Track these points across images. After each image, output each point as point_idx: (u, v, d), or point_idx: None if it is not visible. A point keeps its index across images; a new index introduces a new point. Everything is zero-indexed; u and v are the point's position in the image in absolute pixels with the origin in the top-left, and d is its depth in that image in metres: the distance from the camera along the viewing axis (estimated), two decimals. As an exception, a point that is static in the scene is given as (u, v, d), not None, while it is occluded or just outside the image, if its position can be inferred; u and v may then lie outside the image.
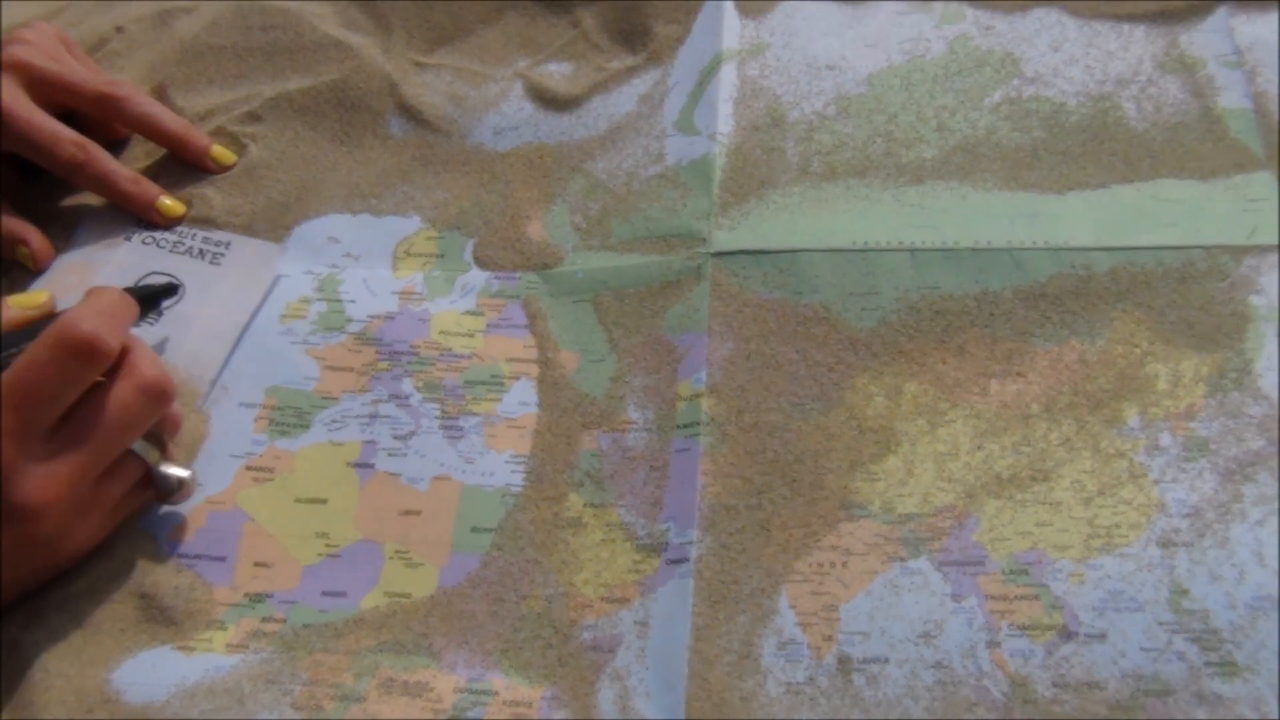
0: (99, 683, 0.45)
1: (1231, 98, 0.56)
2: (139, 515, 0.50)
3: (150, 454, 0.48)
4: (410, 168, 0.61)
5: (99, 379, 0.45)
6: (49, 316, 0.49)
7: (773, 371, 0.51)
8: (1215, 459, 0.45)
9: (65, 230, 0.59)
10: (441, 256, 0.57)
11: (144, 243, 0.57)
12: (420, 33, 0.66)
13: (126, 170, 0.58)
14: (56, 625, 0.46)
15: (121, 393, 0.45)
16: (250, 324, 0.55)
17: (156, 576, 0.48)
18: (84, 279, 0.56)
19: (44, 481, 0.43)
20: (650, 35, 0.63)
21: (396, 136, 0.62)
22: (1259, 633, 0.41)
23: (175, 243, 0.57)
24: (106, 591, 0.48)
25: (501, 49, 0.65)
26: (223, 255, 0.57)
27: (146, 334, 0.54)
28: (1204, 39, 0.58)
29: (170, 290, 0.55)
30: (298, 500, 0.50)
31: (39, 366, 0.43)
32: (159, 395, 0.46)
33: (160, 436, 0.49)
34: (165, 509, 0.50)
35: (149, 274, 0.56)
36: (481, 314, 0.55)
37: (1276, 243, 0.51)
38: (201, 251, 0.57)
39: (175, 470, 0.49)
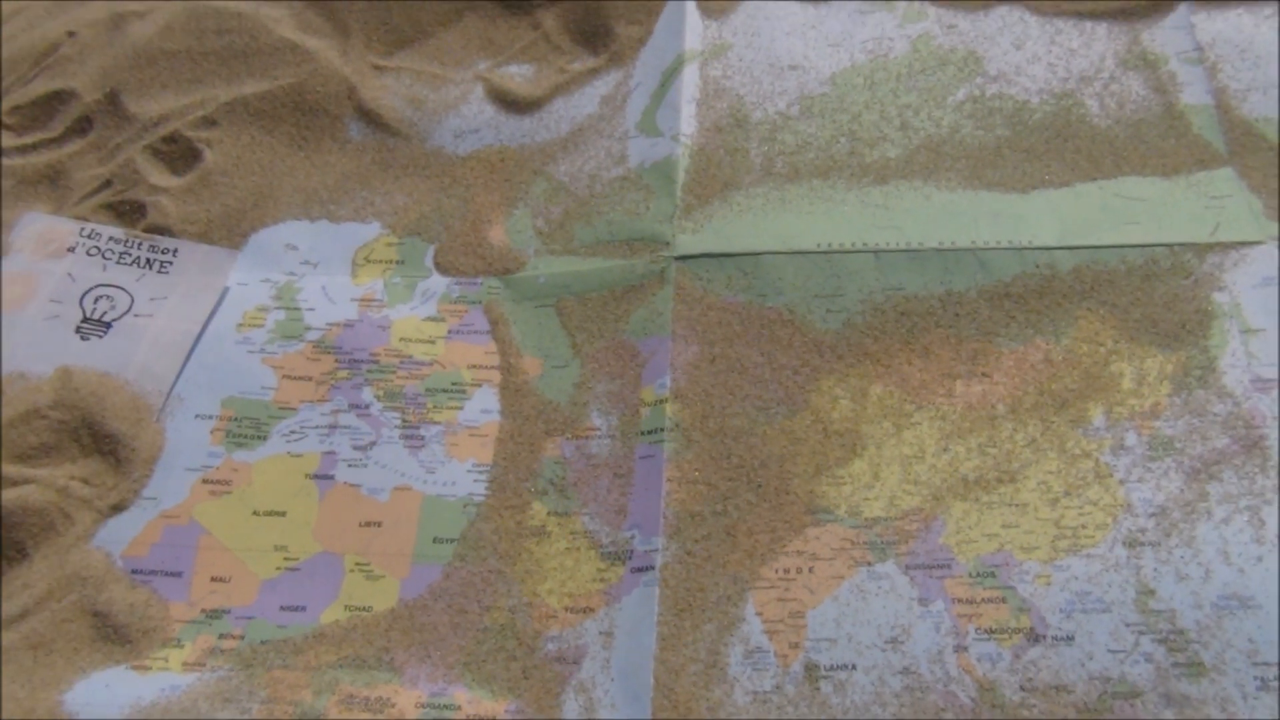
0: (51, 705, 0.44)
1: (1193, 94, 0.56)
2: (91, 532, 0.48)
3: None
4: (369, 172, 0.60)
5: None
6: None
7: (737, 375, 0.50)
8: (1181, 458, 0.45)
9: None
10: (401, 263, 0.56)
11: (89, 253, 0.56)
12: (379, 35, 0.65)
13: None
14: (6, 646, 0.45)
15: None
16: (203, 333, 0.54)
17: (110, 594, 0.47)
18: (28, 290, 0.54)
19: None
20: (612, 36, 0.63)
21: (355, 141, 0.61)
22: (1225, 632, 0.41)
23: (121, 253, 0.56)
24: (58, 610, 0.47)
25: (461, 51, 0.64)
26: (170, 264, 0.56)
27: (95, 348, 0.53)
28: (1165, 35, 0.58)
29: None
30: (256, 513, 0.49)
31: None
32: None
33: None
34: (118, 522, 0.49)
35: (95, 286, 0.55)
36: (443, 320, 0.54)
37: (1239, 240, 0.50)
38: (149, 260, 0.56)
39: None
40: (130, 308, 0.54)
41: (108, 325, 0.54)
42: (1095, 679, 0.41)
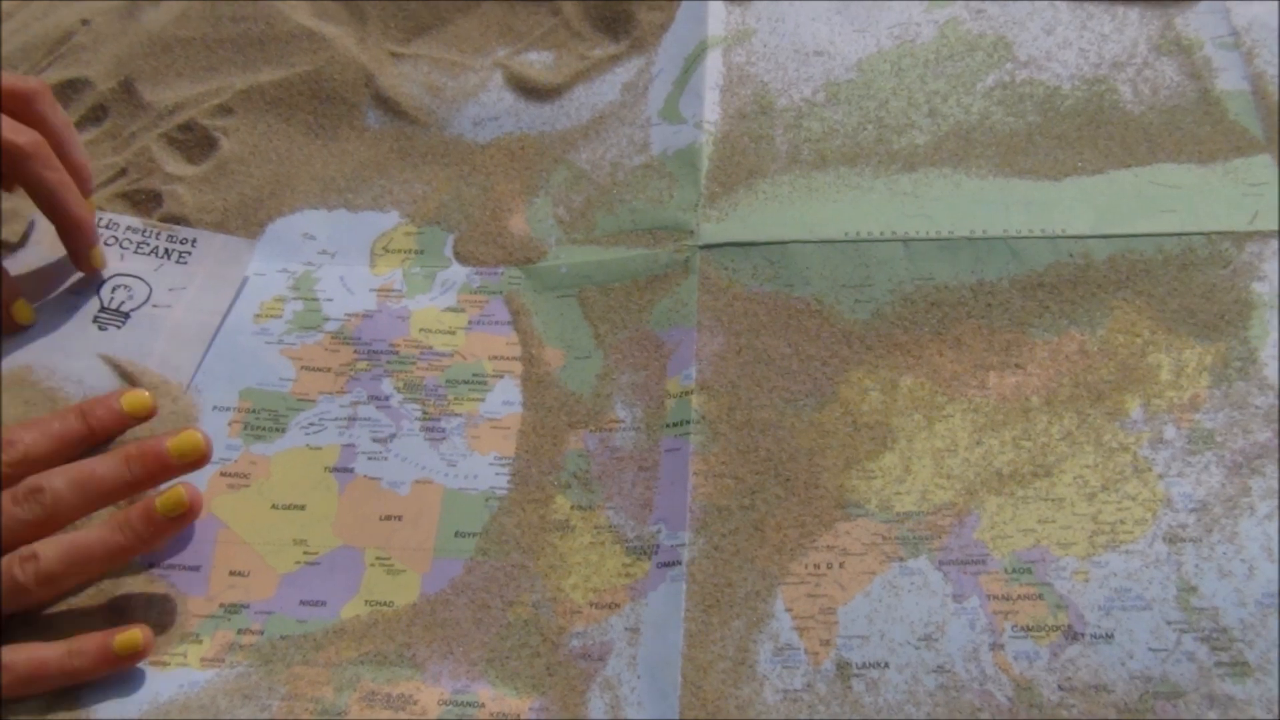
0: (68, 701, 0.43)
1: (1229, 79, 0.55)
2: None
3: None
4: (387, 161, 0.59)
5: None
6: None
7: (764, 366, 0.49)
8: (1221, 451, 0.44)
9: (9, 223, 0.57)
10: (421, 252, 0.55)
11: (106, 243, 0.55)
12: (396, 22, 0.64)
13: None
14: (23, 640, 0.45)
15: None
16: (222, 325, 0.53)
17: (128, 588, 0.46)
18: (46, 283, 0.54)
19: None
20: (633, 22, 0.62)
21: (373, 129, 0.60)
22: (1270, 631, 0.40)
23: (139, 243, 0.55)
24: (75, 604, 0.46)
25: (480, 38, 0.63)
26: (189, 254, 0.55)
27: (113, 338, 0.52)
28: (1200, 20, 0.57)
29: None
30: (274, 507, 0.48)
31: None
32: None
33: None
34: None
35: (114, 276, 0.54)
36: (463, 311, 0.53)
37: (1278, 228, 0.49)
38: (167, 251, 0.55)
39: None
40: (149, 298, 0.54)
41: (126, 316, 0.53)
42: (1136, 678, 0.40)
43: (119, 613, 0.46)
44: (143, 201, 0.58)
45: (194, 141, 0.60)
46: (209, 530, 0.48)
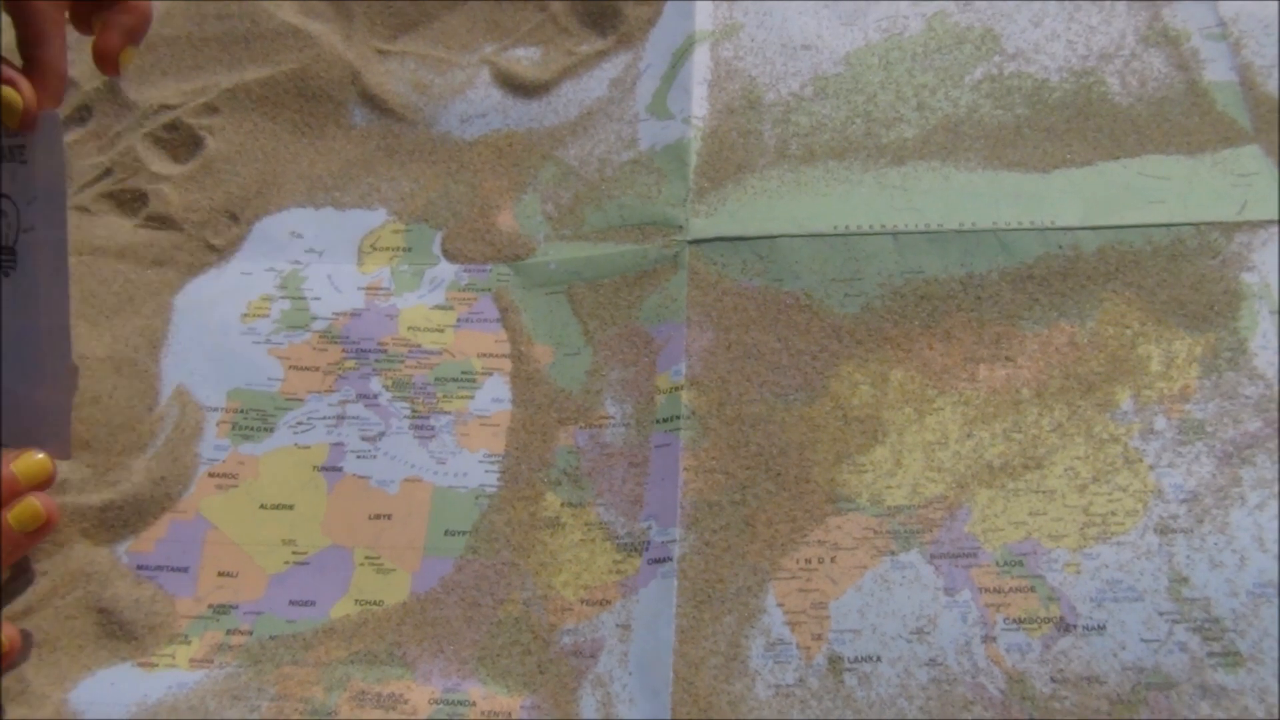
0: (56, 703, 0.43)
1: (1217, 70, 0.54)
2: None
3: None
4: (374, 159, 0.59)
5: None
6: None
7: (754, 361, 0.49)
8: (1212, 442, 0.44)
9: None
10: (409, 250, 0.55)
11: None
12: (382, 19, 0.63)
13: None
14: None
15: None
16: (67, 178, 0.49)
17: (115, 590, 0.46)
18: None
19: None
20: (620, 17, 0.61)
21: (359, 126, 0.60)
22: (1262, 621, 0.40)
23: None
24: (62, 607, 0.46)
25: (467, 34, 0.63)
26: (23, 147, 0.48)
27: (8, 290, 0.48)
28: (1188, 11, 0.57)
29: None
30: (263, 507, 0.48)
31: None
32: None
33: None
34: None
35: None
36: (451, 308, 0.53)
37: (1267, 218, 0.49)
38: (13, 151, 0.48)
39: None
40: (19, 223, 0.48)
41: (13, 254, 0.48)
42: (1128, 669, 0.40)
43: (106, 615, 0.45)
44: (128, 201, 0.57)
45: (179, 140, 0.59)
46: (197, 531, 0.48)
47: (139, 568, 0.47)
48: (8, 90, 0.46)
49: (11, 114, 0.46)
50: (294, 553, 0.47)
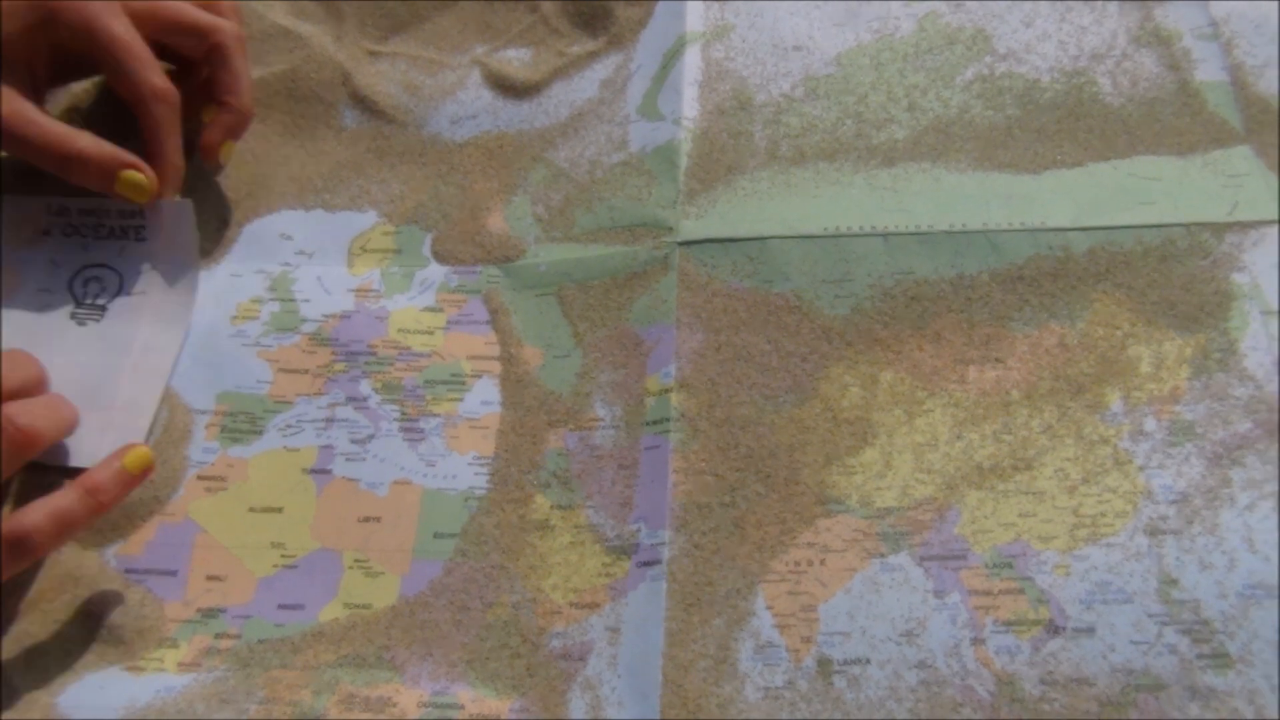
0: (44, 707, 0.43)
1: (1208, 71, 0.54)
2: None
3: None
4: (365, 160, 0.58)
5: None
6: None
7: (744, 363, 0.49)
8: (1202, 443, 0.44)
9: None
10: (399, 252, 0.55)
11: (66, 234, 0.54)
12: (373, 20, 0.63)
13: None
14: (-2, 648, 0.44)
15: None
16: (197, 289, 0.53)
17: (104, 593, 0.46)
18: (14, 282, 0.53)
19: None
20: (611, 18, 0.61)
21: (350, 128, 0.60)
22: (1252, 622, 0.40)
23: (96, 226, 0.54)
24: (50, 610, 0.45)
25: (458, 35, 0.63)
26: (144, 227, 0.54)
27: (93, 333, 0.51)
28: (1179, 11, 0.57)
29: None
30: (252, 510, 0.48)
31: None
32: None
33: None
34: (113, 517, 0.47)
35: (83, 269, 0.54)
36: (441, 310, 0.53)
37: (1258, 219, 0.49)
38: (124, 230, 0.54)
39: None
40: (121, 286, 0.53)
41: (103, 309, 0.52)
42: (1118, 671, 0.40)
43: (94, 618, 0.45)
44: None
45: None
46: (186, 534, 0.47)
47: (127, 571, 0.47)
48: (134, 173, 0.51)
49: (141, 192, 0.51)
50: (283, 556, 0.47)
